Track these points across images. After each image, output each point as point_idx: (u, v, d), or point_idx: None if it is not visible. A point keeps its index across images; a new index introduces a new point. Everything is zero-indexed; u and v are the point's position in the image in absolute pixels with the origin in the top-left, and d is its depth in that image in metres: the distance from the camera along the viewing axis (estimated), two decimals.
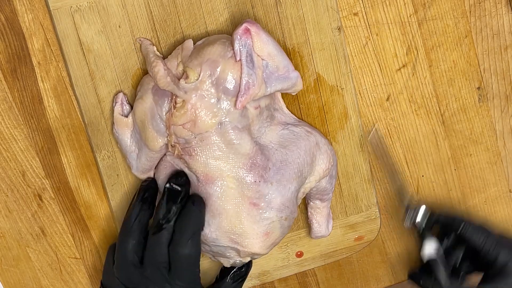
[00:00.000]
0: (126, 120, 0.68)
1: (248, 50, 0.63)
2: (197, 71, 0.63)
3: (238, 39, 0.63)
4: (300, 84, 0.68)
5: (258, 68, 0.64)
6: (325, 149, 0.70)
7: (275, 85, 0.65)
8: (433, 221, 0.74)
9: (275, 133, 0.68)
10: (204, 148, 0.64)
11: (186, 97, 0.63)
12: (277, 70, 0.65)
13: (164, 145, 0.66)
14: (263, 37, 0.64)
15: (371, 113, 0.76)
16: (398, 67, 0.75)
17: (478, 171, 0.80)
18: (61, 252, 0.74)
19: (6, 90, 0.68)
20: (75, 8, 0.66)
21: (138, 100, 0.66)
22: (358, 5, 0.72)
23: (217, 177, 0.65)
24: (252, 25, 0.63)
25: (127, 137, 0.68)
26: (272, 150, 0.67)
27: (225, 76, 0.63)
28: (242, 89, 0.63)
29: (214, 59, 0.63)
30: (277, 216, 0.67)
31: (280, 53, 0.65)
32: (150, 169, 0.69)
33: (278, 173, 0.66)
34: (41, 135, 0.70)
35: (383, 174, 0.70)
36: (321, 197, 0.72)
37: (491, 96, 0.78)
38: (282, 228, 0.68)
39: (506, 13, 0.75)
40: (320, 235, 0.75)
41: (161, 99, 0.65)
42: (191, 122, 0.63)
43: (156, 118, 0.65)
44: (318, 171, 0.70)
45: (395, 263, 0.82)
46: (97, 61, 0.68)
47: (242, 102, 0.63)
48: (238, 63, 0.63)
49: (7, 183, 0.71)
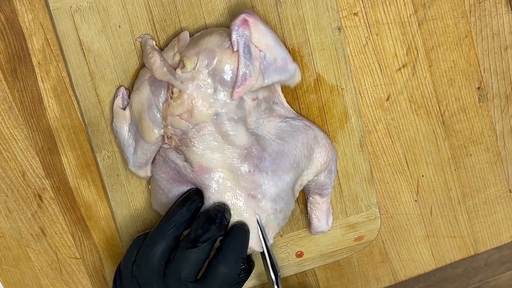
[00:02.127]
0: (124, 112, 0.68)
1: (246, 41, 0.63)
2: (194, 60, 0.63)
3: (235, 29, 0.63)
4: (298, 76, 0.67)
5: (256, 59, 0.63)
6: (323, 143, 0.70)
7: (273, 77, 0.65)
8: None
9: (273, 125, 0.68)
10: (200, 139, 0.64)
11: (182, 87, 0.63)
12: (275, 62, 0.65)
13: (160, 137, 0.66)
14: (261, 28, 0.64)
15: (371, 113, 0.76)
16: (398, 67, 0.75)
17: (478, 171, 0.80)
18: (61, 252, 0.74)
19: (6, 90, 0.68)
20: (75, 8, 0.66)
21: (135, 92, 0.66)
22: (358, 5, 0.72)
23: (212, 168, 0.65)
24: (250, 15, 0.63)
25: (125, 130, 0.68)
26: (269, 141, 0.67)
27: (222, 66, 0.63)
28: (239, 80, 0.63)
29: (211, 49, 0.63)
30: (271, 208, 0.66)
31: (278, 45, 0.65)
32: (146, 164, 0.69)
33: (273, 163, 0.66)
34: (41, 135, 0.70)
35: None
36: (320, 192, 0.72)
37: (491, 96, 0.78)
38: (277, 220, 0.68)
39: (506, 13, 0.75)
40: (320, 231, 0.75)
41: (158, 90, 0.65)
42: (187, 112, 0.63)
43: (153, 108, 0.65)
44: (316, 164, 0.69)
45: (395, 263, 0.82)
46: (97, 61, 0.68)
47: (238, 93, 0.63)
48: (235, 53, 0.63)
49: (7, 183, 0.71)
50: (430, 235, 0.81)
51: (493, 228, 0.82)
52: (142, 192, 0.72)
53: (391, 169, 0.78)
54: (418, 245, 0.81)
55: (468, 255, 0.83)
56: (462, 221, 0.81)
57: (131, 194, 0.72)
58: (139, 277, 0.64)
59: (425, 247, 0.81)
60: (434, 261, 0.82)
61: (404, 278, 0.82)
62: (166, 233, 0.63)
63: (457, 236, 0.82)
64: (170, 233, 0.63)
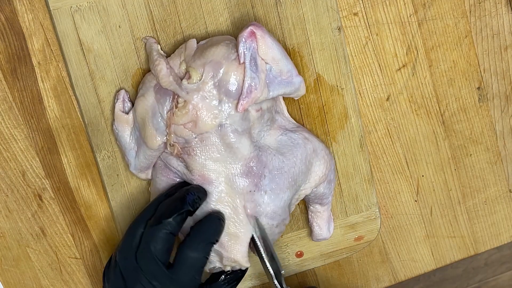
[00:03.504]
0: (126, 117, 0.68)
1: (253, 53, 0.63)
2: (200, 71, 0.63)
3: (243, 41, 0.63)
4: (303, 89, 0.68)
5: (262, 72, 0.64)
6: (322, 155, 0.70)
7: (278, 90, 0.66)
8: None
9: (274, 138, 0.68)
10: (203, 149, 0.64)
11: (187, 98, 0.63)
12: (280, 75, 0.65)
13: (162, 144, 0.66)
14: (268, 41, 0.64)
15: (371, 113, 0.76)
16: (398, 67, 0.75)
17: (478, 171, 0.80)
18: (61, 252, 0.74)
19: (6, 90, 0.68)
20: (75, 8, 0.66)
21: (140, 98, 0.66)
22: (358, 5, 0.72)
23: (213, 179, 0.65)
24: (257, 28, 0.63)
25: (126, 134, 0.68)
26: (270, 155, 0.67)
27: (228, 78, 0.63)
28: (244, 92, 0.63)
29: (218, 60, 0.63)
30: (268, 224, 0.67)
31: (284, 58, 0.65)
32: (148, 168, 0.69)
33: (272, 182, 0.67)
34: (41, 135, 0.70)
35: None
36: (321, 202, 0.73)
37: (491, 96, 0.78)
38: (272, 235, 0.69)
39: (506, 13, 0.75)
40: (322, 238, 0.75)
41: (163, 98, 0.65)
42: (192, 123, 0.63)
43: (157, 116, 0.65)
44: (314, 178, 0.70)
45: (395, 263, 0.82)
46: (97, 61, 0.68)
47: (243, 105, 0.63)
48: (241, 65, 0.63)
49: (7, 183, 0.71)
50: (430, 235, 0.81)
51: (493, 228, 0.82)
52: (142, 192, 0.72)
53: (391, 169, 0.78)
54: (418, 245, 0.81)
55: (468, 255, 0.83)
56: (462, 221, 0.81)
57: (131, 194, 0.72)
58: (119, 261, 0.65)
59: (425, 247, 0.81)
60: (434, 261, 0.82)
61: (404, 278, 0.82)
62: (146, 217, 0.65)
63: (457, 236, 0.82)
64: (149, 216, 0.65)
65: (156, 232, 0.63)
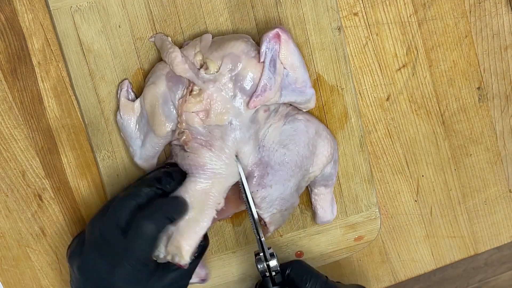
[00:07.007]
0: (132, 104, 0.68)
1: (273, 55, 0.64)
2: (218, 63, 0.64)
3: (267, 41, 0.64)
4: (313, 102, 0.69)
5: (279, 75, 0.65)
6: (324, 135, 0.70)
7: (290, 96, 0.66)
8: (282, 277, 0.70)
9: (277, 131, 0.68)
10: (210, 143, 0.65)
11: (203, 86, 0.64)
12: (295, 82, 0.66)
13: (170, 132, 0.66)
14: (291, 47, 0.65)
15: (371, 113, 0.76)
16: (398, 67, 0.75)
17: (478, 171, 0.80)
18: (61, 252, 0.74)
19: (6, 90, 0.68)
20: (75, 8, 0.66)
21: (150, 86, 0.66)
22: (358, 5, 0.72)
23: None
24: (283, 32, 0.65)
25: (132, 123, 0.68)
26: (273, 152, 0.67)
27: (245, 74, 0.64)
28: (259, 90, 0.64)
29: (237, 54, 0.64)
30: (277, 209, 0.68)
31: (302, 67, 0.66)
32: (154, 157, 0.69)
33: (276, 175, 0.67)
34: (41, 135, 0.70)
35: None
36: (326, 183, 0.73)
37: (491, 96, 0.78)
38: (283, 217, 0.70)
39: (506, 13, 0.75)
40: (326, 220, 0.75)
41: (176, 86, 0.65)
42: (204, 112, 0.64)
43: (168, 103, 0.65)
44: (321, 159, 0.70)
45: (395, 263, 0.82)
46: (97, 61, 0.68)
47: (255, 102, 0.64)
48: (260, 64, 0.64)
49: (7, 183, 0.71)
50: (430, 235, 0.81)
51: (493, 228, 0.82)
52: None
53: (391, 169, 0.78)
54: (418, 245, 0.81)
55: (468, 255, 0.83)
56: (462, 221, 0.81)
57: None
58: (86, 229, 0.66)
59: (425, 247, 0.81)
60: (434, 261, 0.82)
61: (404, 278, 0.82)
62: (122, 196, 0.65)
63: (457, 236, 0.82)
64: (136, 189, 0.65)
65: (121, 202, 0.63)
